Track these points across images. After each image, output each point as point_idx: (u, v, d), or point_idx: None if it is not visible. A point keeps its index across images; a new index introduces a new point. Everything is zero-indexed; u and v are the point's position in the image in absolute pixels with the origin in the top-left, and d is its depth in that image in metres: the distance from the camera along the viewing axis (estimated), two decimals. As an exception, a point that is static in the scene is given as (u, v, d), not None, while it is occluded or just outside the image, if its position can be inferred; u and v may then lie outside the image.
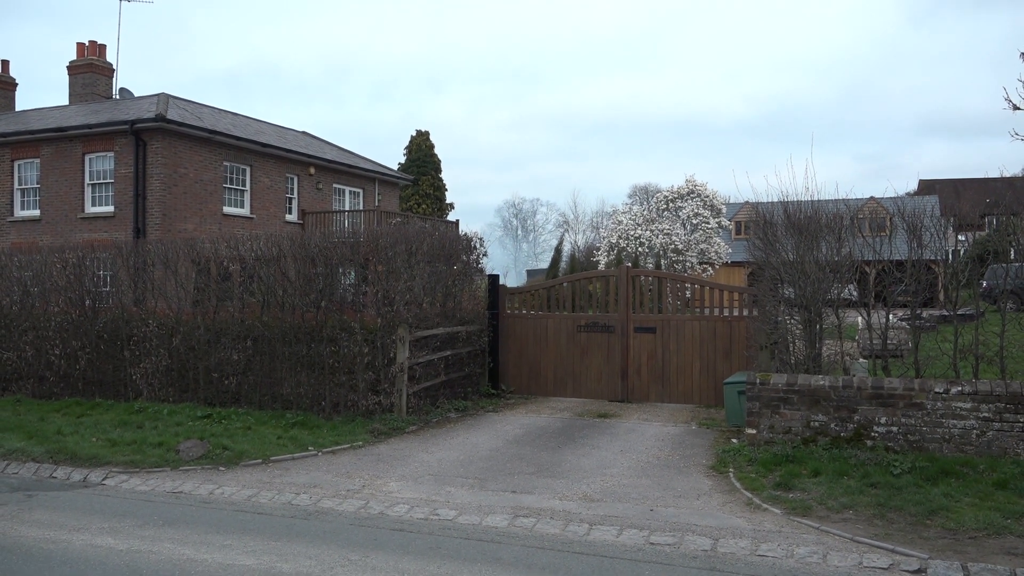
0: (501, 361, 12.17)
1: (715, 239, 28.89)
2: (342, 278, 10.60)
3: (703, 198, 29.21)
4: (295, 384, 10.07)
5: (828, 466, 6.87)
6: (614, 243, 28.49)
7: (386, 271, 9.89)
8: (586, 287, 12.23)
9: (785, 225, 8.76)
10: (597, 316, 11.76)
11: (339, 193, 23.23)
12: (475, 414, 10.49)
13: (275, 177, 20.35)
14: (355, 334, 9.76)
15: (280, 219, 20.38)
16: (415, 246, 10.34)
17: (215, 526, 5.82)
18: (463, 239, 11.86)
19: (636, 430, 9.28)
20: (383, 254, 9.94)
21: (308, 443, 8.34)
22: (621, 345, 11.45)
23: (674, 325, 11.25)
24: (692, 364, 11.12)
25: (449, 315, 11.07)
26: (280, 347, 10.19)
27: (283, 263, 10.39)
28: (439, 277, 10.87)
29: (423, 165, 39.44)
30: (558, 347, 11.89)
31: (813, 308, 8.23)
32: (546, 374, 11.98)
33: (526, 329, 12.11)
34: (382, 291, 9.78)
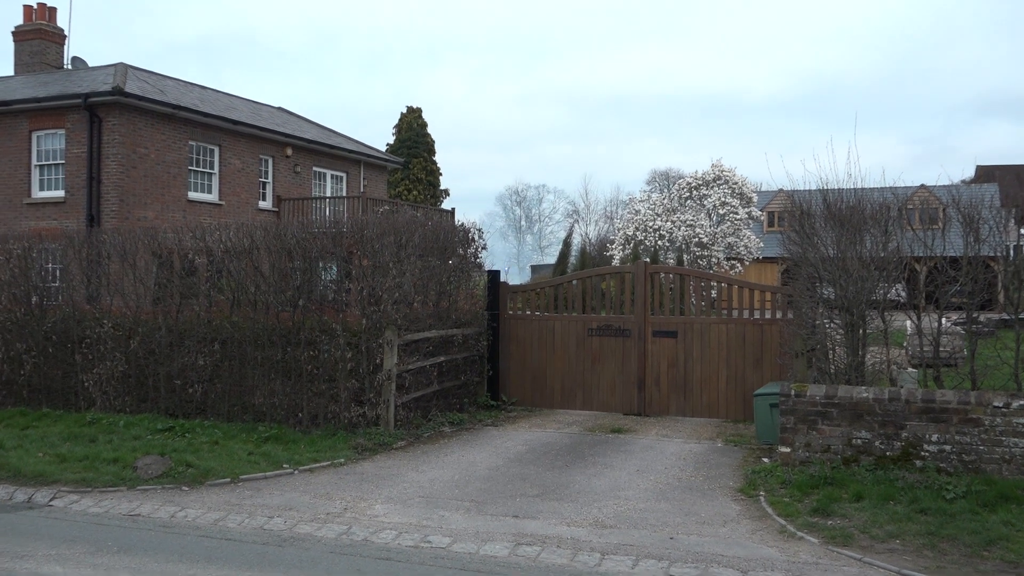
0: (502, 369, 12.17)
1: (744, 232, 28.89)
2: (322, 273, 10.59)
3: (731, 185, 29.19)
4: (268, 393, 10.07)
5: (872, 489, 6.86)
6: (630, 235, 28.50)
7: (372, 266, 9.90)
8: (598, 285, 12.24)
9: (824, 216, 8.75)
10: (611, 318, 11.76)
11: (319, 177, 23.24)
12: (472, 428, 10.49)
13: (247, 159, 20.36)
14: (337, 337, 9.76)
15: (252, 206, 20.40)
16: (405, 238, 10.33)
17: (177, 553, 5.82)
18: (459, 230, 11.85)
19: (654, 447, 9.28)
20: (369, 246, 9.93)
21: (283, 460, 8.34)
22: (638, 351, 11.45)
23: (698, 329, 11.24)
24: (718, 373, 11.11)
25: (443, 316, 11.07)
26: (252, 351, 10.20)
27: (256, 256, 10.39)
28: (432, 273, 10.86)
29: (414, 146, 39.52)
30: (566, 353, 11.89)
31: (856, 310, 8.22)
32: (552, 384, 11.98)
33: (530, 332, 12.11)
34: (367, 288, 9.79)
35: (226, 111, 20.27)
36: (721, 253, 28.35)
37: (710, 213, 29.53)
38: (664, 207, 29.03)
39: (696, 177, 29.85)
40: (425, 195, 38.46)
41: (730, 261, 29.02)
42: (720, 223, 29.34)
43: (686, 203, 29.93)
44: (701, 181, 29.60)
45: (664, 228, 27.87)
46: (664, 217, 28.37)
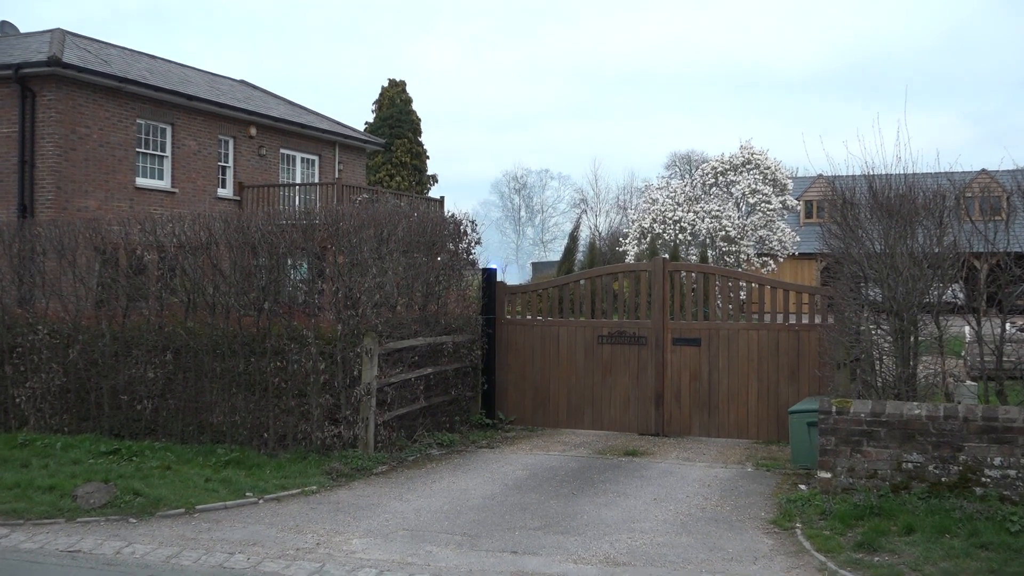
0: (498, 382, 12.20)
1: (778, 224, 28.96)
2: (291, 272, 10.60)
3: (763, 170, 29.27)
4: (229, 410, 10.08)
5: (925, 521, 6.89)
6: (646, 228, 28.56)
7: (349, 263, 9.91)
8: (610, 285, 12.27)
9: (870, 206, 8.78)
10: (624, 323, 11.79)
11: (288, 161, 23.26)
12: (464, 451, 10.51)
13: (205, 140, 20.39)
14: (308, 345, 9.77)
15: (211, 194, 20.42)
16: (387, 231, 10.34)
17: (124, 595, 5.82)
18: (450, 222, 11.86)
19: (674, 472, 9.30)
20: (345, 241, 9.95)
21: (246, 487, 8.35)
22: (655, 361, 11.48)
23: (724, 336, 11.27)
24: (747, 387, 11.14)
25: (431, 321, 11.09)
26: (210, 362, 10.21)
27: (214, 252, 10.40)
28: (418, 272, 10.88)
29: (398, 125, 39.58)
30: (573, 364, 11.92)
31: (906, 314, 8.24)
32: (557, 399, 12.01)
33: (531, 340, 12.14)
34: (343, 289, 9.80)
35: (180, 84, 20.29)
36: (751, 248, 28.39)
37: (738, 202, 29.58)
38: (685, 196, 29.09)
39: (722, 161, 29.92)
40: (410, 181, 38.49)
41: (761, 258, 29.07)
42: (750, 214, 29.39)
43: (711, 191, 29.98)
44: (728, 166, 29.67)
45: (685, 220, 27.92)
46: (685, 207, 28.43)
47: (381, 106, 40.07)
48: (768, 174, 29.23)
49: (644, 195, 32.78)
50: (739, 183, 29.20)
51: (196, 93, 20.09)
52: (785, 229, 29.08)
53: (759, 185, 28.84)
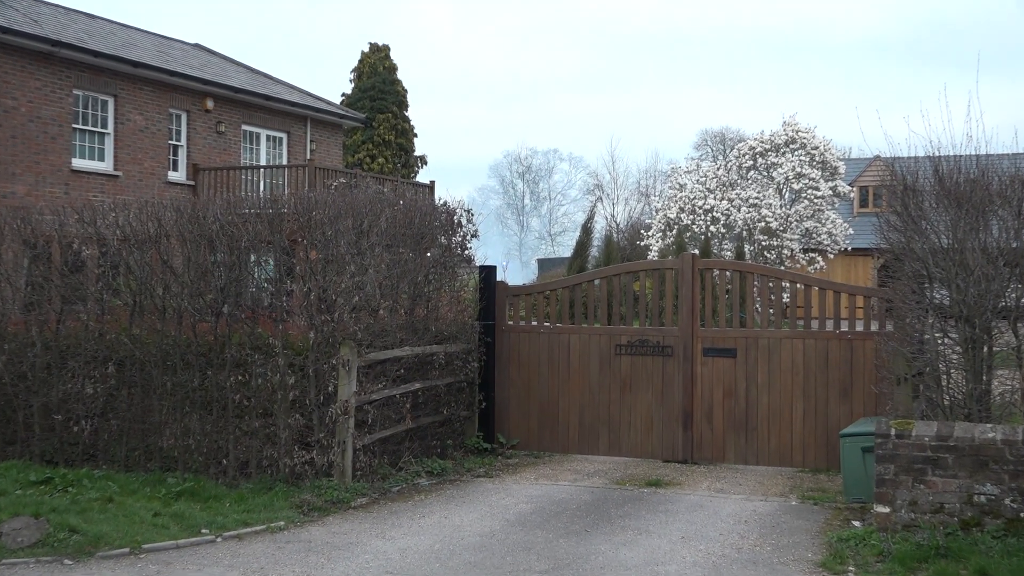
0: (498, 399, 12.21)
1: (828, 213, 28.97)
2: (255, 270, 10.61)
3: (810, 151, 29.28)
4: (182, 432, 10.09)
5: (1001, 564, 6.88)
6: (672, 219, 28.59)
7: (323, 260, 9.92)
8: (629, 286, 12.27)
9: (936, 193, 8.77)
10: (646, 331, 11.79)
11: (252, 139, 23.28)
12: (458, 480, 10.52)
13: (153, 114, 20.42)
14: (275, 356, 9.78)
15: (160, 178, 20.45)
16: (368, 222, 10.35)
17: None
18: (442, 211, 11.88)
19: (705, 506, 9.30)
20: (318, 233, 9.97)
21: (202, 523, 8.37)
22: (683, 375, 11.49)
23: (764, 345, 11.28)
24: (791, 406, 11.15)
25: (419, 328, 11.10)
26: (159, 375, 10.21)
27: (165, 246, 10.42)
28: (404, 270, 10.91)
29: (380, 97, 39.62)
30: (586, 378, 11.93)
31: (978, 320, 8.24)
32: (567, 420, 12.03)
33: (537, 350, 12.15)
34: (317, 290, 9.82)
35: (124, 49, 20.33)
36: (796, 243, 28.39)
37: (781, 188, 29.57)
38: (718, 180, 29.09)
39: (762, 140, 29.93)
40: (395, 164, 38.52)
41: (808, 254, 29.07)
42: (795, 202, 29.38)
43: (748, 175, 29.98)
44: (769, 145, 29.67)
45: (719, 209, 27.93)
46: (718, 194, 28.44)
47: (361, 75, 40.09)
48: (816, 155, 29.22)
49: (670, 180, 32.76)
50: (782, 166, 29.19)
51: (143, 59, 20.12)
52: (836, 220, 29.07)
53: (805, 168, 28.83)
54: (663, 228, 28.82)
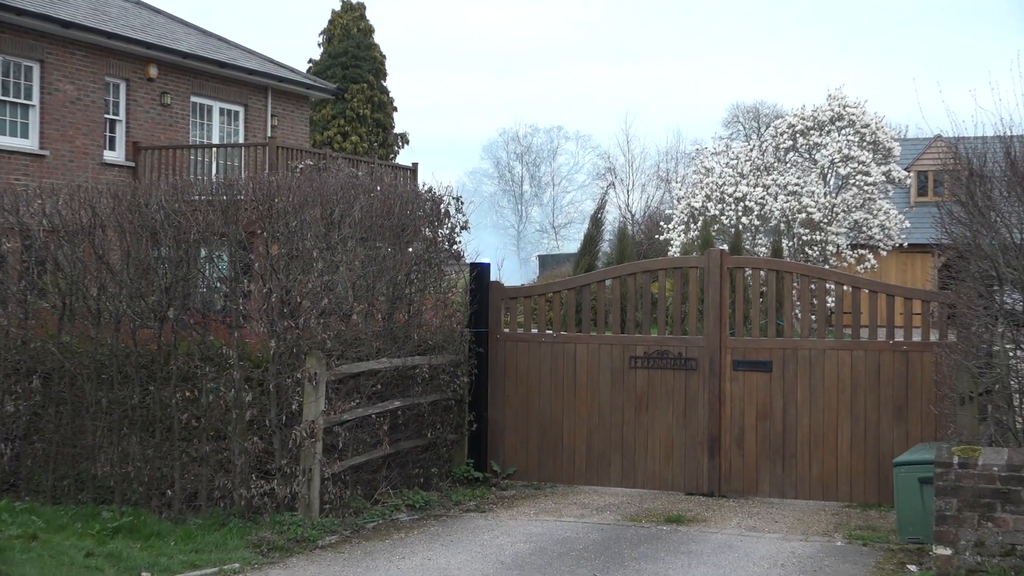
0: (492, 420, 12.22)
1: (880, 203, 29.04)
2: (207, 267, 10.59)
3: (859, 129, 29.33)
4: (119, 457, 10.08)
5: (1081, 615, 6.87)
6: (697, 208, 28.64)
7: (286, 255, 9.92)
8: (647, 287, 12.28)
9: (1007, 179, 8.78)
10: (666, 340, 11.80)
11: (202, 113, 23.27)
12: (444, 515, 10.53)
13: (86, 83, 20.39)
14: (229, 368, 9.77)
15: (95, 158, 20.43)
16: (339, 211, 10.35)
17: None
18: (426, 199, 11.88)
19: (735, 547, 9.31)
20: (281, 224, 9.97)
21: (142, 565, 8.35)
22: (709, 392, 11.50)
23: (805, 357, 11.29)
24: (837, 428, 11.15)
25: (399, 336, 11.11)
26: (93, 390, 10.20)
27: (100, 239, 10.42)
28: (382, 268, 10.91)
29: (354, 64, 39.68)
30: (595, 395, 11.94)
31: (1056, 330, 8.23)
32: (573, 444, 12.04)
33: (537, 362, 12.16)
34: (279, 291, 9.82)
35: (52, 6, 20.29)
36: (842, 237, 28.45)
37: (825, 173, 29.63)
38: (752, 164, 29.14)
39: (803, 116, 29.98)
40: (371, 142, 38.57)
41: (857, 250, 29.11)
42: (841, 189, 29.45)
43: (787, 158, 30.03)
44: (811, 123, 29.72)
45: (752, 197, 27.98)
46: (752, 179, 28.49)
47: (331, 38, 40.17)
48: (866, 134, 29.26)
49: (694, 163, 32.86)
50: (826, 147, 29.25)
51: (75, 19, 20.10)
52: (890, 211, 29.12)
53: (854, 150, 28.87)
54: (686, 220, 28.87)
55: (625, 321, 12.10)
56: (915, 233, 31.12)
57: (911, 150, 38.77)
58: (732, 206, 28.03)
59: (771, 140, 30.58)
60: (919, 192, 38.58)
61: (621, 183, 62.22)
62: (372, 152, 36.49)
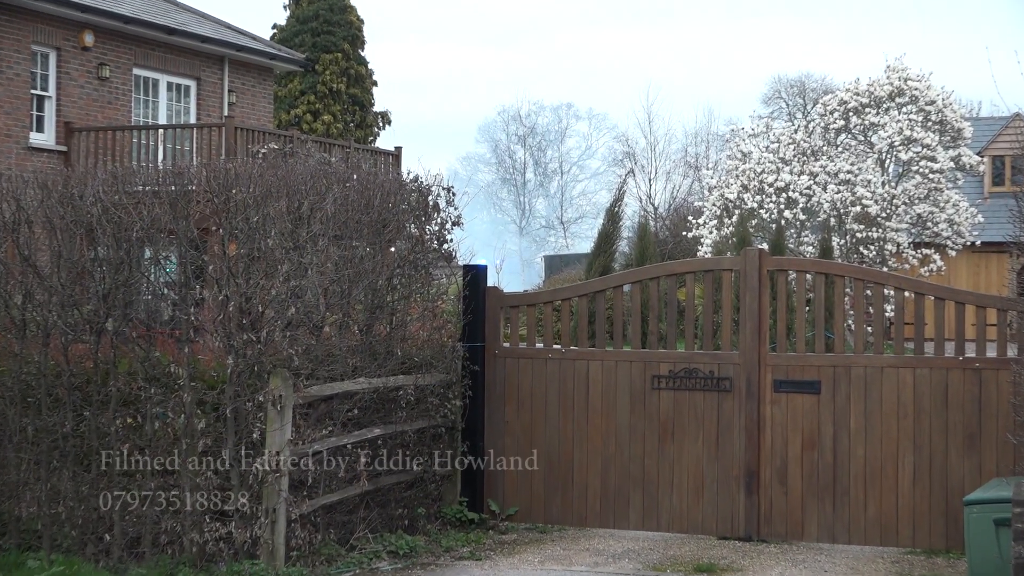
0: (489, 450, 12.21)
1: (949, 194, 28.97)
2: (152, 270, 10.58)
3: (923, 106, 29.30)
4: (48, 496, 10.04)
5: None
6: (732, 200, 28.61)
7: (246, 256, 9.92)
8: (672, 294, 12.24)
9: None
10: (695, 356, 11.80)
11: (147, 88, 23.24)
12: (434, 564, 10.50)
13: (9, 52, 20.34)
14: (179, 390, 9.76)
15: (19, 142, 20.41)
16: (309, 203, 10.34)
17: None
18: (412, 190, 11.88)
19: (776, 601, 9.28)
20: (239, 220, 9.96)
21: (75, 623, 8.34)
22: (746, 418, 11.50)
23: (859, 376, 11.28)
24: (897, 460, 11.14)
25: (380, 352, 11.10)
26: (16, 417, 10.18)
27: (26, 237, 10.40)
28: (360, 271, 10.91)
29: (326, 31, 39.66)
30: (611, 422, 11.93)
31: None
32: (584, 479, 12.04)
33: (543, 382, 12.15)
34: (237, 299, 9.81)
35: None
36: (903, 235, 28.41)
37: (883, 159, 29.60)
38: (796, 148, 29.12)
39: (857, 92, 29.95)
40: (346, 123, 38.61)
41: (921, 250, 29.07)
42: (903, 177, 29.42)
43: (838, 140, 30.01)
44: (867, 99, 29.71)
45: (797, 187, 27.96)
46: (796, 166, 28.47)
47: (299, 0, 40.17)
48: (932, 113, 29.23)
49: (729, 147, 32.83)
50: (885, 128, 29.21)
51: (-5, -23, 20.08)
52: (959, 203, 29.05)
53: (917, 131, 28.84)
54: (719, 214, 28.84)
55: (647, 334, 12.09)
56: (989, 229, 31.08)
57: (985, 131, 38.65)
58: (773, 198, 28.00)
59: (819, 120, 30.56)
60: (994, 181, 38.43)
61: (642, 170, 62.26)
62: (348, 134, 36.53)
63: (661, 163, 63.07)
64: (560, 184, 70.48)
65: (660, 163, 63.05)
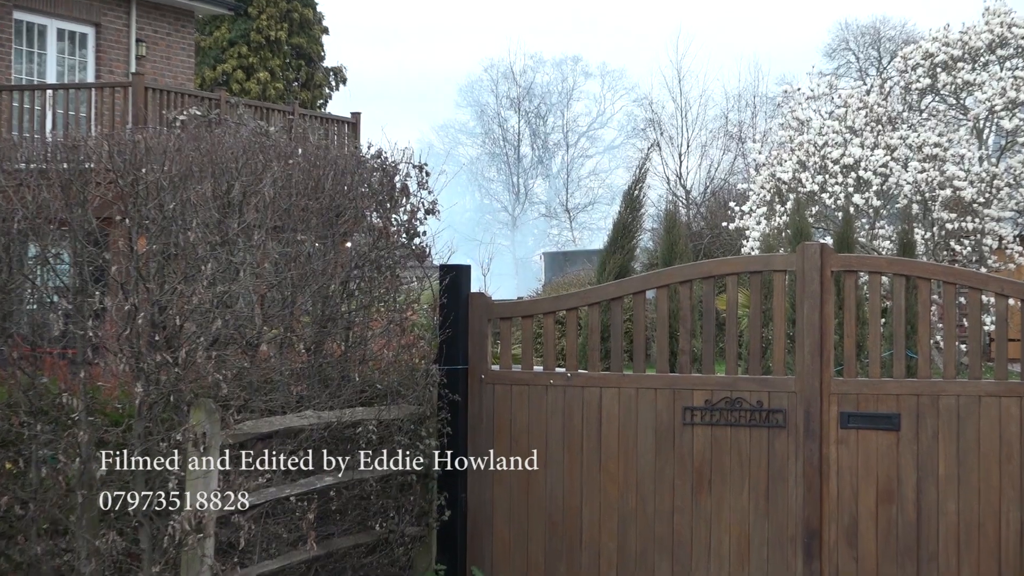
0: (474, 504, 12.26)
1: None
2: (38, 272, 10.59)
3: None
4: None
5: None
6: (786, 182, 28.66)
7: (160, 254, 9.96)
8: (709, 301, 12.26)
9: None
10: (739, 382, 11.81)
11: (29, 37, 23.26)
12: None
13: None
14: (73, 427, 9.75)
15: None
16: (241, 186, 10.40)
17: None
18: (373, 168, 11.97)
19: None
20: (152, 207, 10.00)
21: None
22: (804, 462, 11.50)
23: (951, 408, 11.29)
24: (1000, 515, 11.13)
25: (332, 377, 11.18)
26: None
27: None
28: (306, 273, 10.96)
29: (261, -38, 39.68)
30: (630, 467, 11.96)
31: None
32: (596, 540, 12.08)
33: (542, 416, 12.18)
34: (148, 309, 9.81)
35: None
36: (1007, 225, 28.41)
37: (981, 128, 29.62)
38: (868, 114, 29.16)
39: (947, 42, 29.99)
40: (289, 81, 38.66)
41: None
42: (1006, 152, 29.43)
43: (922, 104, 30.05)
44: (960, 51, 29.75)
45: (869, 164, 27.98)
46: (869, 137, 28.50)
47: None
48: (1042, 66, 29.29)
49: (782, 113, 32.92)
50: (983, 88, 29.27)
51: None
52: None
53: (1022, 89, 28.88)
54: (769, 199, 28.88)
55: (676, 353, 12.09)
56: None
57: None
58: (839, 178, 28.00)
59: (898, 78, 30.61)
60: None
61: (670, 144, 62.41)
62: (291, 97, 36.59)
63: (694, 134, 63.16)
64: (565, 161, 70.58)
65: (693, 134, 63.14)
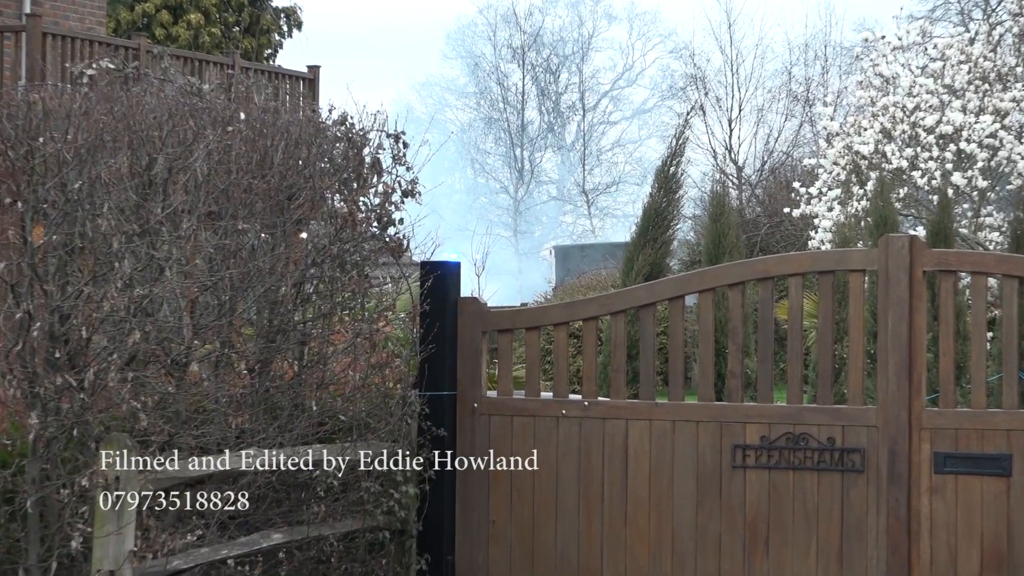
0: (464, 566, 12.33)
1: None
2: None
3: None
4: None
5: None
6: (866, 157, 28.66)
7: (61, 247, 9.97)
8: (767, 309, 12.22)
9: None
10: (803, 413, 11.81)
11: None
12: None
13: None
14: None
15: None
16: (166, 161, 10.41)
17: None
18: (337, 137, 12.03)
19: None
20: (52, 186, 10.03)
21: None
22: (889, 514, 11.51)
23: (1074, 448, 11.27)
24: None
25: (283, 406, 11.23)
26: None
27: None
28: (250, 272, 11.00)
29: None
30: (664, 520, 12.01)
31: None
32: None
33: (551, 455, 12.22)
34: (47, 318, 9.82)
35: None
36: None
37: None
38: (972, 69, 29.18)
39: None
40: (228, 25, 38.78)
41: None
42: None
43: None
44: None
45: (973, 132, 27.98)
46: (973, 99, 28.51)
47: None
48: None
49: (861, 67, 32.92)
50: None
51: None
52: None
53: None
54: (844, 179, 28.90)
55: (724, 376, 12.05)
56: None
57: None
58: (934, 151, 28.03)
59: (1011, 22, 30.72)
60: None
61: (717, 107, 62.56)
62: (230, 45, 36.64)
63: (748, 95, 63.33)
64: (582, 129, 70.84)
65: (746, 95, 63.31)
